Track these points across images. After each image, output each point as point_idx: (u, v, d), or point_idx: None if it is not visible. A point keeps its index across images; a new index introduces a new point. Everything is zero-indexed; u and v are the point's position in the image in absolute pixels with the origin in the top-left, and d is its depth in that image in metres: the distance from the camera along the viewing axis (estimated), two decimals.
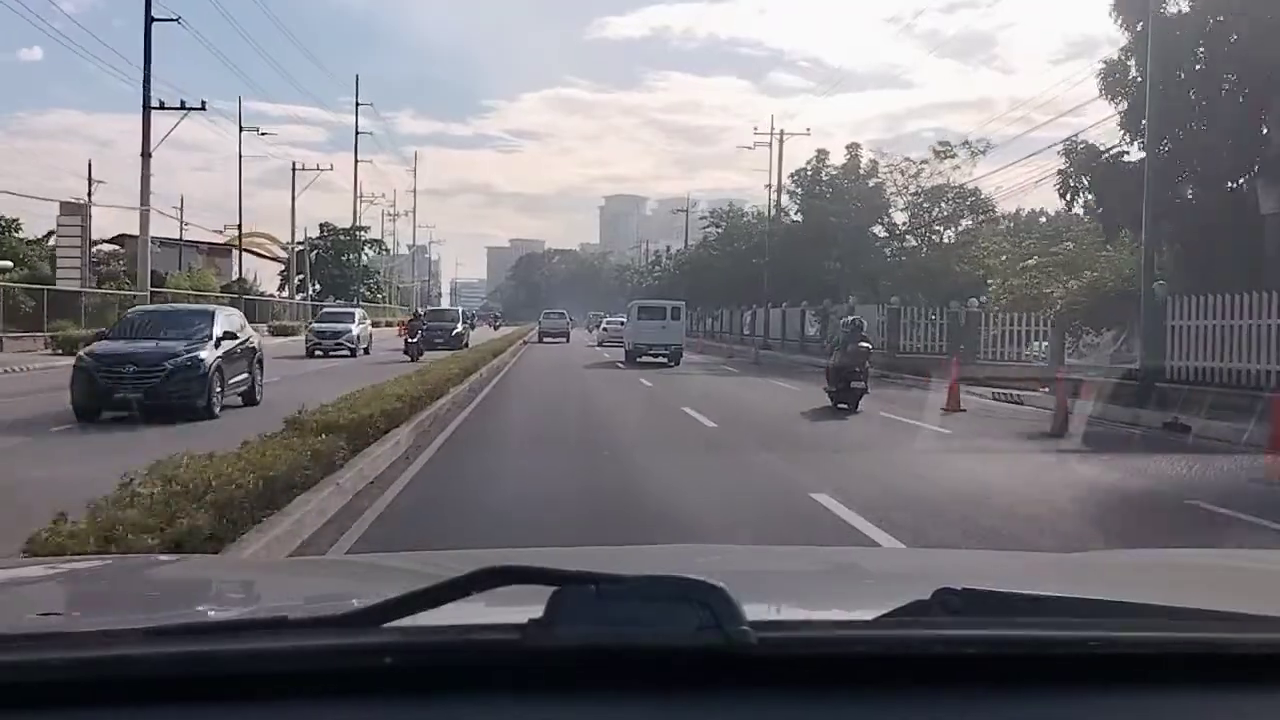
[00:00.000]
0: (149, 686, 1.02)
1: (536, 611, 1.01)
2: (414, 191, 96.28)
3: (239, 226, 46.69)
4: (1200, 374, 16.40)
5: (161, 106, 33.05)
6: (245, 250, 61.29)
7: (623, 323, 39.23)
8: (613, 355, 35.68)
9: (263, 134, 44.65)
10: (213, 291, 45.64)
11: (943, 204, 40.78)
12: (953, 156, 39.40)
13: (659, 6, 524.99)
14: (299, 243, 61.73)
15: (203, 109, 34.50)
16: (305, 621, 1.11)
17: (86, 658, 1.04)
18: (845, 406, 16.05)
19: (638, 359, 31.32)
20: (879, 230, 44.32)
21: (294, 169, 58.02)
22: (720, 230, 62.37)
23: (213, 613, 1.52)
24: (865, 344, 16.39)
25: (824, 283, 42.45)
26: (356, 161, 67.13)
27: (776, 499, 8.48)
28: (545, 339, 52.97)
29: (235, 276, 53.02)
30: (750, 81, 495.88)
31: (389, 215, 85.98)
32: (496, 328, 72.96)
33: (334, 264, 69.28)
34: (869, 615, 1.12)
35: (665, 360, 31.10)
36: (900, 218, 42.81)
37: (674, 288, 64.98)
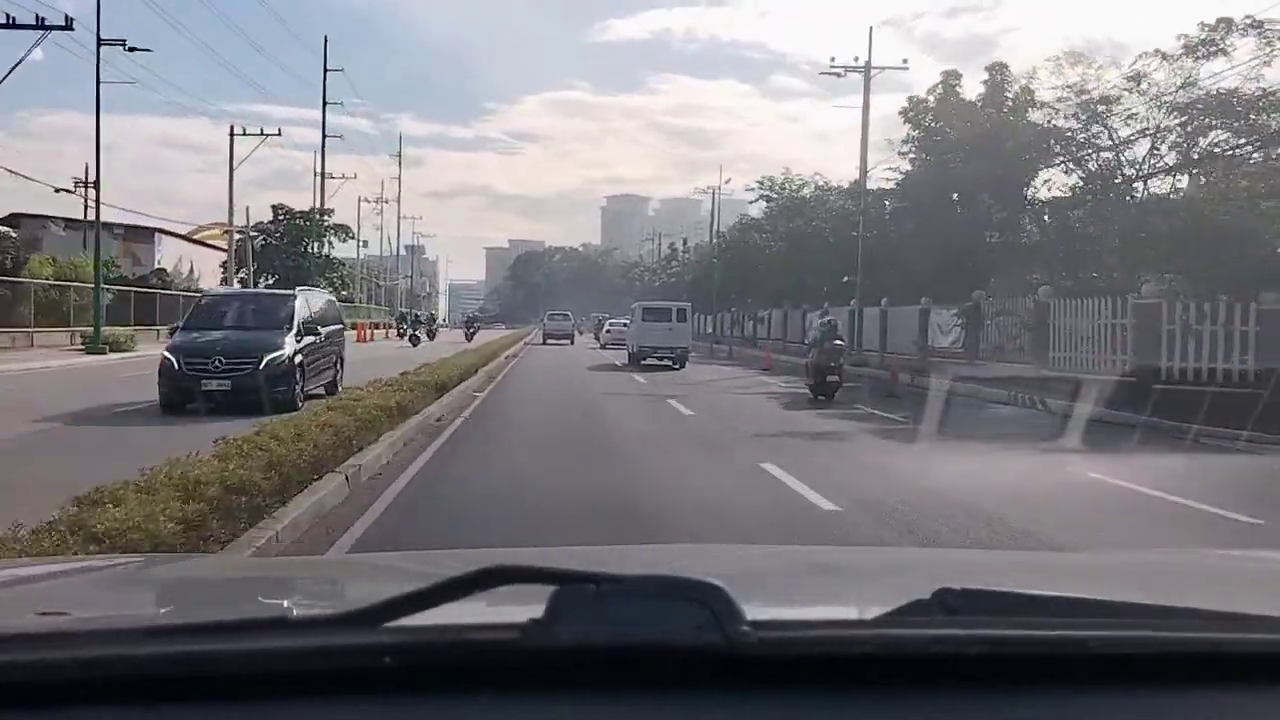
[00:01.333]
0: (149, 686, 1.02)
1: (536, 611, 1.01)
2: (399, 179, 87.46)
3: (96, 184, 31.55)
4: None
5: (10, 23, 26.08)
6: (179, 237, 50.92)
7: (626, 324, 38.77)
8: (650, 383, 23.87)
9: (131, 50, 29.80)
10: (87, 283, 33.03)
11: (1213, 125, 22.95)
12: (1224, 52, 22.63)
13: (660, 9, 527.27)
14: (239, 229, 49.73)
15: (68, 28, 26.78)
16: (305, 621, 1.11)
17: (86, 658, 1.04)
18: (824, 398, 18.42)
19: (641, 361, 30.93)
20: (1045, 183, 28.07)
21: (232, 133, 46.15)
22: (773, 204, 47.92)
23: (213, 613, 1.51)
24: (840, 342, 19.10)
25: (964, 265, 28.00)
26: (325, 138, 57.18)
27: None
28: (549, 340, 53.01)
29: (157, 265, 42.76)
30: (752, 85, 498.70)
31: (366, 201, 76.86)
32: (471, 335, 47.42)
33: (290, 254, 56.13)
34: (869, 615, 1.12)
35: (670, 363, 30.60)
36: (1103, 159, 25.80)
37: (700, 284, 55.94)
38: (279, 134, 45.52)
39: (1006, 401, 18.72)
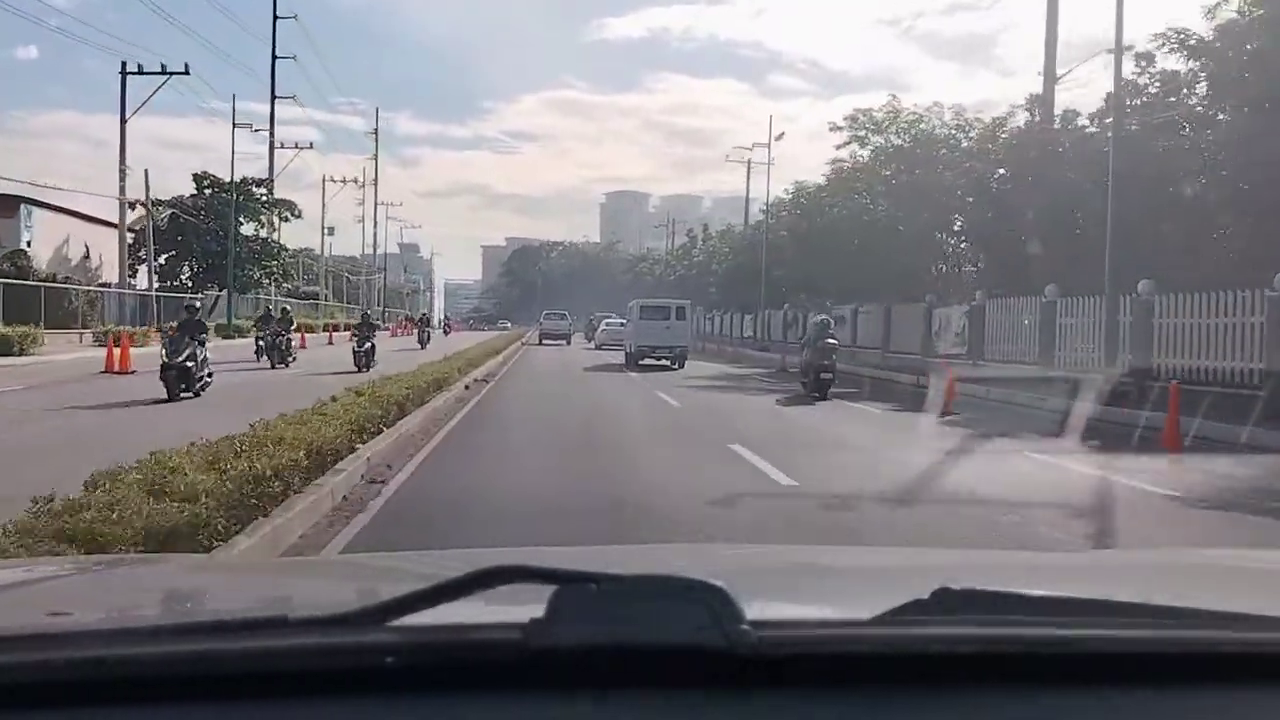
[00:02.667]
0: (149, 686, 1.02)
1: (537, 611, 1.01)
2: (375, 159, 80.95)
3: None
4: None
5: None
6: (64, 212, 39.91)
7: (623, 323, 38.59)
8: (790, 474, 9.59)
9: None
10: None
11: None
12: None
13: (657, 8, 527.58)
14: (136, 202, 38.24)
15: None
16: (306, 621, 1.11)
17: (87, 658, 1.04)
18: (818, 395, 18.61)
19: (639, 361, 30.64)
20: None
21: (124, 71, 37.03)
22: (870, 148, 33.57)
23: (213, 613, 1.52)
24: (833, 340, 19.36)
25: None
26: (274, 99, 52.44)
27: None
28: (545, 340, 52.91)
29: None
30: (750, 84, 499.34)
31: (331, 180, 72.36)
32: (368, 360, 24.33)
33: (216, 235, 46.11)
34: (869, 615, 1.12)
35: (669, 363, 30.31)
36: None
37: (738, 274, 49.95)
38: (186, 72, 37.84)
39: None
